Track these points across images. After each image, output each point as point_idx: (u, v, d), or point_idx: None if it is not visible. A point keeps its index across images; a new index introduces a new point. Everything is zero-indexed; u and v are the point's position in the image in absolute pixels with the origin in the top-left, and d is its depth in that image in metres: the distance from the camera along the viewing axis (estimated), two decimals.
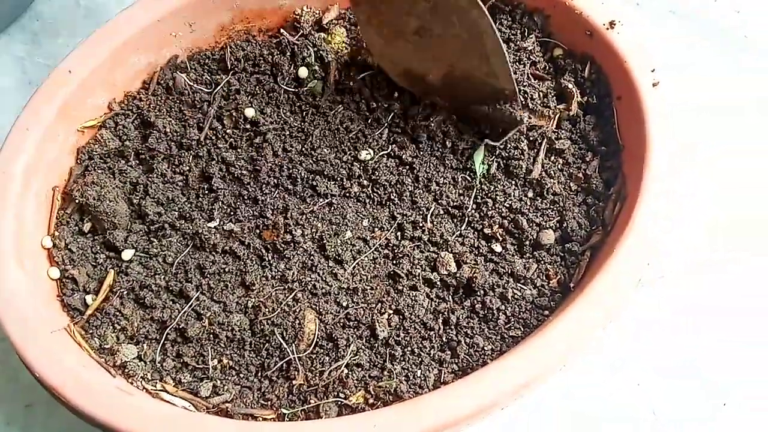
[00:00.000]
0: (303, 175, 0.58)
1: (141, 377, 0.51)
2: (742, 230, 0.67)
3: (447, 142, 0.58)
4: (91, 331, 0.53)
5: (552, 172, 0.56)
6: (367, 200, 0.57)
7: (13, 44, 0.86)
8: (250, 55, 0.65)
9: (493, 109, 0.56)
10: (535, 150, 0.57)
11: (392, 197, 0.57)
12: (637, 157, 0.52)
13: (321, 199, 0.57)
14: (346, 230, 0.55)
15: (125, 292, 0.55)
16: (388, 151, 0.58)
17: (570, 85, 0.59)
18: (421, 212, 0.56)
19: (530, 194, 0.56)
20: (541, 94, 0.58)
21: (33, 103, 0.58)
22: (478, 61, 0.53)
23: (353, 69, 0.63)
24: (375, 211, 0.57)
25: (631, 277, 0.48)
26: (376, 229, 0.55)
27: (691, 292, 0.64)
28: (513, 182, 0.56)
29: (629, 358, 0.62)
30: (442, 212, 0.56)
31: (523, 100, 0.57)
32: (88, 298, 0.55)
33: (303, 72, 0.63)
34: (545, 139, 0.57)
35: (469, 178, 0.57)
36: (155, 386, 0.51)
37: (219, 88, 0.63)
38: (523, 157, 0.57)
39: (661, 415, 0.59)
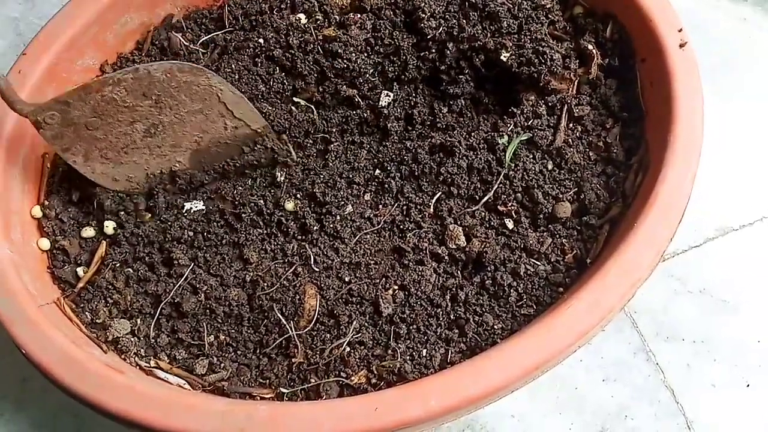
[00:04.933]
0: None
1: (134, 353, 0.49)
2: None
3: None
4: (82, 305, 0.51)
5: (570, 140, 0.53)
6: (373, 167, 0.54)
7: (7, 4, 0.83)
8: (250, 11, 0.61)
9: (252, 151, 0.54)
10: (555, 117, 0.53)
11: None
12: (662, 123, 0.49)
13: (322, 165, 0.54)
14: (347, 204, 0.52)
15: (118, 265, 0.52)
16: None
17: (590, 47, 0.55)
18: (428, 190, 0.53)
19: (549, 165, 0.52)
20: (560, 55, 0.54)
21: (19, 65, 0.55)
22: (222, 118, 0.52)
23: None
24: (380, 181, 0.53)
25: (652, 252, 0.44)
26: (380, 206, 0.52)
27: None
28: (531, 153, 0.53)
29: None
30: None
31: (540, 61, 0.53)
32: (80, 271, 0.53)
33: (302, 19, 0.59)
34: (565, 105, 0.53)
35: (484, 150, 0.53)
36: (149, 363, 0.49)
37: (213, 42, 0.59)
38: (543, 125, 0.53)
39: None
